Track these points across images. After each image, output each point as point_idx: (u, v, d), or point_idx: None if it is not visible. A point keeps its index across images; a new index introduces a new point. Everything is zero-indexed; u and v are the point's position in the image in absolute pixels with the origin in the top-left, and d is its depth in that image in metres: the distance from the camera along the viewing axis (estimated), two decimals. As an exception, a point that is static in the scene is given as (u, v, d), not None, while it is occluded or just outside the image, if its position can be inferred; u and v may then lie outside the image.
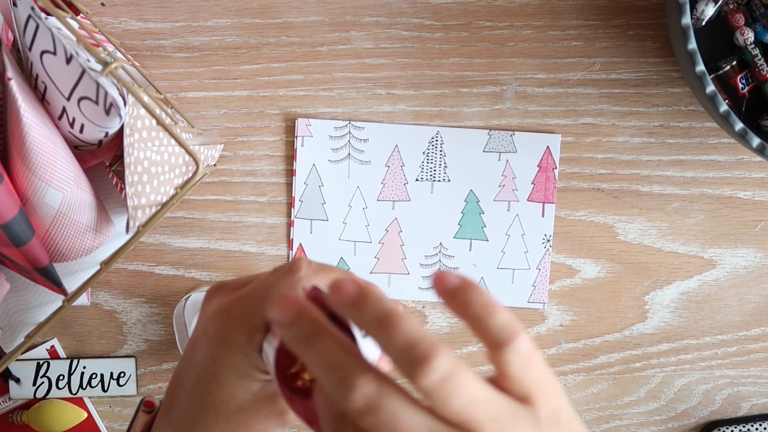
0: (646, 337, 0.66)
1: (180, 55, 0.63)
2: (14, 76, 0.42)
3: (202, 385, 0.36)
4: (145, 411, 0.41)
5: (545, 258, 0.65)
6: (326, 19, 0.63)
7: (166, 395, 0.39)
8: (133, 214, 0.46)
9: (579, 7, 0.63)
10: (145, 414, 0.41)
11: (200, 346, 0.37)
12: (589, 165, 0.64)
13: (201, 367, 0.36)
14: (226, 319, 0.36)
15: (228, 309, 0.36)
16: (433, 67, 0.63)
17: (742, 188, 0.65)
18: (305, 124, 0.63)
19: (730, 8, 0.59)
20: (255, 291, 0.35)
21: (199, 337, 0.37)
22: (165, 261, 0.65)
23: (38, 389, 0.65)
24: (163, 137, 0.48)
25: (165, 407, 0.39)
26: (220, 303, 0.37)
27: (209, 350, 0.36)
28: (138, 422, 0.41)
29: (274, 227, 0.65)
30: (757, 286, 0.66)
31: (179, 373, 0.38)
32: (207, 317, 0.37)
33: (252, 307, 0.35)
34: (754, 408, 0.68)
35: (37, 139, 0.43)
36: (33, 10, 0.41)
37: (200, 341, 0.37)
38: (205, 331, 0.36)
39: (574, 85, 0.64)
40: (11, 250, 0.45)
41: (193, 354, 0.37)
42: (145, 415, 0.41)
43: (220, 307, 0.36)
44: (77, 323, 0.66)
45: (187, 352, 0.38)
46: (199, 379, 0.36)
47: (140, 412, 0.41)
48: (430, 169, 0.64)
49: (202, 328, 0.37)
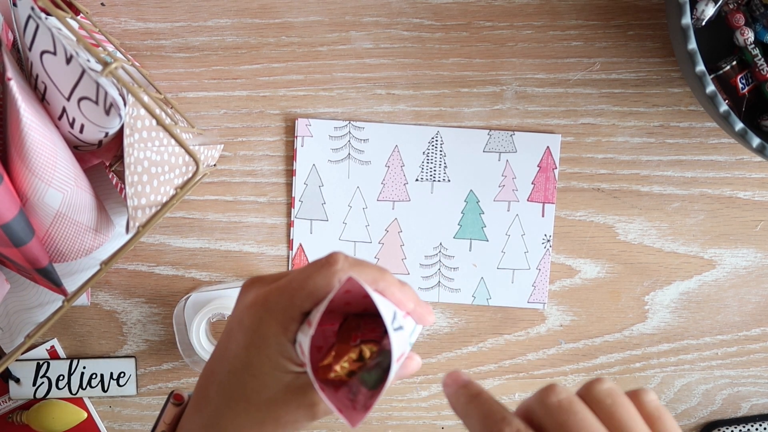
0: (646, 338, 0.66)
1: (180, 55, 0.63)
2: (14, 76, 0.42)
3: (234, 375, 0.37)
4: (174, 404, 0.41)
5: (545, 258, 0.65)
6: (326, 19, 0.63)
7: (196, 387, 0.40)
8: (133, 214, 0.46)
9: (579, 7, 0.63)
10: (174, 406, 0.41)
11: (235, 336, 0.37)
12: (589, 165, 0.64)
13: (235, 356, 0.37)
14: (262, 310, 0.36)
15: (265, 300, 0.36)
16: (433, 67, 0.63)
17: (742, 188, 0.65)
18: (305, 124, 0.63)
19: (730, 8, 0.59)
20: (292, 282, 0.36)
21: (234, 328, 0.37)
22: (165, 261, 0.65)
23: (38, 389, 0.65)
24: (163, 137, 0.48)
25: (195, 399, 0.40)
26: (257, 294, 0.37)
27: (244, 340, 0.36)
28: (167, 414, 0.41)
29: (274, 227, 0.65)
30: (757, 286, 0.66)
31: (211, 365, 0.39)
32: (243, 307, 0.37)
33: (288, 298, 0.36)
34: (754, 408, 0.68)
35: (37, 139, 0.43)
36: (33, 10, 0.41)
37: (235, 331, 0.37)
38: (240, 322, 0.37)
39: (574, 85, 0.64)
40: (11, 250, 0.45)
41: (227, 344, 0.38)
42: (174, 408, 0.41)
43: (257, 298, 0.37)
44: (77, 323, 0.66)
45: (221, 344, 0.39)
46: (232, 368, 0.37)
47: (169, 405, 0.41)
48: (430, 169, 0.64)
49: (237, 319, 0.37)
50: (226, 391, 0.37)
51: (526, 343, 0.66)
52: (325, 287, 0.35)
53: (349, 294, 0.34)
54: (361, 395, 0.34)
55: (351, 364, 0.34)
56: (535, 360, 0.66)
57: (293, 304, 0.35)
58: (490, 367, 0.66)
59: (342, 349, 0.35)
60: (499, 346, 0.66)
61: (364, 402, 0.33)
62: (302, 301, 0.35)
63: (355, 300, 0.35)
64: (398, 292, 0.36)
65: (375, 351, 0.35)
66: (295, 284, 0.36)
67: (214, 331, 0.65)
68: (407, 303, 0.37)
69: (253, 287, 0.38)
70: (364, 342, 0.35)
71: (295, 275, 0.36)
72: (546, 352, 0.66)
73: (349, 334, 0.36)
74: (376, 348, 0.35)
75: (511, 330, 0.66)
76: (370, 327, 0.36)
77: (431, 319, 0.38)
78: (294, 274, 0.36)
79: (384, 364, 0.34)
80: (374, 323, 0.36)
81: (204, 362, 0.63)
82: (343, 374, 0.34)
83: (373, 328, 0.36)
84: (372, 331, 0.35)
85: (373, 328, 0.36)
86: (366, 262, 0.36)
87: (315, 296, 0.35)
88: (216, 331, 0.65)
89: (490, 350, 0.66)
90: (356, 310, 0.36)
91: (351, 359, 0.34)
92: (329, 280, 0.35)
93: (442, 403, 0.67)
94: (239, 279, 0.65)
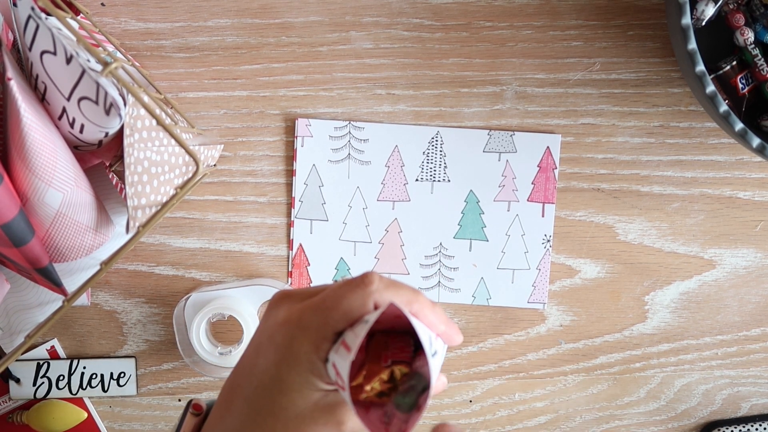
0: (646, 338, 0.66)
1: (180, 55, 0.63)
2: (14, 76, 0.42)
3: (263, 391, 0.37)
4: (193, 413, 0.41)
5: (545, 258, 0.65)
6: (326, 19, 0.63)
7: (219, 400, 0.40)
8: (133, 214, 0.46)
9: (579, 7, 0.63)
10: (194, 416, 0.41)
11: (265, 352, 0.37)
12: (589, 165, 0.64)
13: (264, 372, 0.37)
14: (295, 327, 0.36)
15: (298, 318, 0.36)
16: (433, 67, 0.63)
17: (742, 188, 0.65)
18: (305, 125, 0.63)
19: (730, 8, 0.59)
20: (325, 301, 0.36)
21: (264, 344, 0.37)
22: (165, 261, 0.65)
23: (38, 389, 0.65)
24: (163, 137, 0.48)
25: (218, 411, 0.39)
26: (289, 311, 0.37)
27: (275, 356, 0.36)
28: (186, 424, 0.41)
29: (274, 227, 0.65)
30: (757, 286, 0.66)
31: (236, 378, 0.39)
32: (275, 324, 0.37)
33: (322, 317, 0.36)
34: (754, 408, 0.68)
35: (37, 139, 0.43)
36: (33, 11, 0.41)
37: (265, 347, 0.37)
38: (272, 338, 0.37)
39: (574, 85, 0.64)
40: (11, 250, 0.45)
41: (255, 359, 0.38)
42: (193, 418, 0.41)
43: (290, 316, 0.37)
44: (77, 323, 0.66)
45: (248, 357, 0.38)
46: (260, 384, 0.37)
47: (188, 415, 0.41)
48: (430, 169, 0.64)
49: (268, 335, 0.37)
50: (253, 406, 0.37)
51: (526, 343, 0.66)
52: (359, 308, 0.35)
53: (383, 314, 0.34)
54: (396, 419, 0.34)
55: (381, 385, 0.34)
56: (535, 360, 0.66)
57: (327, 323, 0.35)
58: (490, 367, 0.66)
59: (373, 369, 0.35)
60: (499, 346, 0.66)
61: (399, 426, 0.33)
62: (336, 322, 0.35)
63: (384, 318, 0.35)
64: (431, 314, 0.37)
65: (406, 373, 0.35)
66: (329, 303, 0.36)
67: (214, 331, 0.65)
68: (439, 325, 0.37)
69: (284, 303, 0.38)
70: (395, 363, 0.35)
71: (328, 294, 0.36)
72: (546, 352, 0.66)
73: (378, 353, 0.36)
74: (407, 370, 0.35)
75: (511, 330, 0.66)
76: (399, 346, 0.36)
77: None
78: (328, 293, 0.36)
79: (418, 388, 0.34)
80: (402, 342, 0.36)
81: (204, 362, 0.63)
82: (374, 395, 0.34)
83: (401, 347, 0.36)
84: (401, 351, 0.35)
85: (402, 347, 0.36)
86: (400, 284, 0.36)
87: (349, 317, 0.35)
88: (216, 331, 0.65)
89: (490, 350, 0.66)
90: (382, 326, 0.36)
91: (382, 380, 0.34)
92: (364, 301, 0.35)
93: (442, 403, 0.67)
94: (239, 279, 0.65)
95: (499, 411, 0.67)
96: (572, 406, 0.67)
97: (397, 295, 0.35)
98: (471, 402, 0.67)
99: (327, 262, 0.65)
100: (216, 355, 0.62)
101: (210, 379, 0.66)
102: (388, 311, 0.34)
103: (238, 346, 0.62)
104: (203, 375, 0.65)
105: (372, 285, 0.35)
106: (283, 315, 0.37)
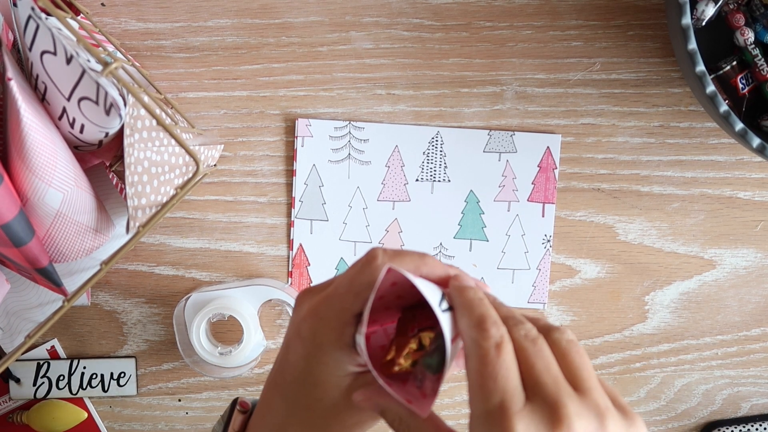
0: (646, 338, 0.66)
1: (180, 56, 0.63)
2: (14, 76, 0.42)
3: (296, 385, 0.38)
4: (240, 411, 0.42)
5: (545, 258, 0.65)
6: (326, 19, 0.63)
7: (261, 398, 0.41)
8: (133, 214, 0.46)
9: (579, 7, 0.63)
10: (240, 414, 0.42)
11: (294, 348, 0.38)
12: (589, 165, 0.64)
13: (295, 367, 0.38)
14: (316, 320, 0.37)
15: (316, 310, 0.37)
16: (433, 68, 0.63)
17: (742, 188, 0.65)
18: (305, 125, 0.64)
19: (730, 8, 0.59)
20: (337, 288, 0.37)
21: (292, 340, 0.38)
22: (165, 261, 0.65)
23: (38, 389, 0.65)
24: (163, 137, 0.48)
25: (260, 410, 0.41)
26: (309, 305, 0.38)
27: (303, 350, 0.37)
28: (234, 421, 0.42)
29: (274, 227, 0.65)
30: (757, 286, 0.66)
31: (274, 376, 0.40)
32: (299, 320, 0.38)
33: (338, 303, 0.36)
34: (754, 408, 0.68)
35: (37, 139, 0.43)
36: (33, 11, 0.41)
37: (293, 343, 0.38)
38: (298, 333, 0.38)
39: (574, 85, 0.64)
40: (11, 250, 0.45)
41: (286, 356, 0.39)
42: (240, 415, 0.42)
43: (310, 309, 0.38)
44: (77, 323, 0.66)
45: (281, 356, 0.39)
46: (293, 379, 0.38)
47: (235, 412, 0.42)
48: (430, 169, 0.64)
49: (294, 331, 0.38)
50: (290, 401, 0.38)
51: (526, 343, 0.66)
52: (369, 284, 0.35)
53: (397, 286, 0.34)
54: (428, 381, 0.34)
55: (413, 354, 0.35)
56: (535, 360, 0.66)
57: (343, 308, 0.36)
58: (490, 367, 0.66)
59: (401, 341, 0.35)
60: (499, 346, 0.66)
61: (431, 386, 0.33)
62: (351, 304, 0.36)
63: (406, 292, 0.35)
64: (440, 270, 0.37)
65: (433, 337, 0.35)
66: (341, 290, 0.36)
67: (214, 331, 0.65)
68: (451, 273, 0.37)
69: (305, 299, 0.39)
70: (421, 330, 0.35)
71: (339, 281, 0.37)
72: (546, 352, 0.66)
73: (406, 326, 0.36)
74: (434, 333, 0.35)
75: (511, 330, 0.66)
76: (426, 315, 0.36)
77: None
78: (338, 280, 0.37)
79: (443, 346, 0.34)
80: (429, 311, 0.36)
81: (204, 362, 0.63)
82: (407, 365, 0.35)
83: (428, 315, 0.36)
84: (428, 319, 0.35)
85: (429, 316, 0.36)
86: (405, 251, 0.36)
87: (362, 296, 0.35)
88: (216, 331, 0.65)
89: (490, 350, 0.66)
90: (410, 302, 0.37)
91: (412, 350, 0.35)
92: (372, 277, 0.35)
93: (442, 403, 0.67)
94: (239, 279, 0.65)
95: (499, 411, 0.67)
96: (572, 406, 0.67)
97: (402, 262, 0.36)
98: (471, 402, 0.67)
99: (327, 262, 0.65)
100: (216, 355, 0.62)
101: (210, 379, 0.66)
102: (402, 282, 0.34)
103: (238, 346, 0.62)
104: (203, 375, 0.65)
105: (377, 259, 0.36)
106: (306, 309, 0.38)
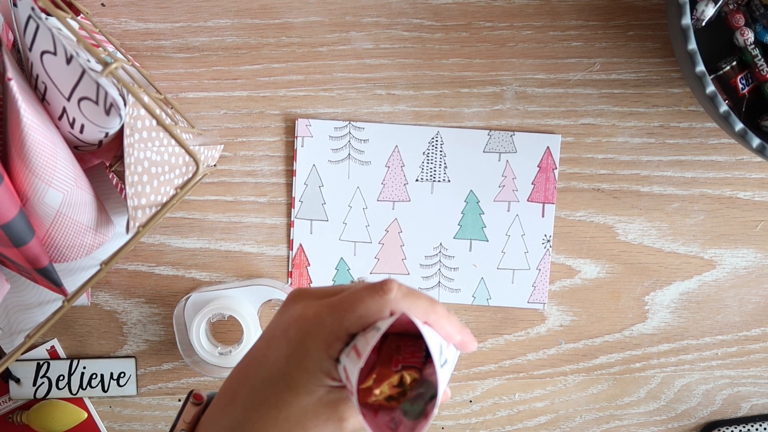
0: (646, 338, 0.66)
1: (180, 56, 0.63)
2: (14, 76, 0.42)
3: (270, 383, 0.38)
4: (194, 403, 0.42)
5: (545, 258, 0.65)
6: (326, 19, 0.63)
7: (223, 389, 0.40)
8: (133, 214, 0.46)
9: (579, 8, 0.63)
10: (194, 406, 0.42)
11: (277, 345, 0.38)
12: (589, 165, 0.64)
13: (273, 365, 0.38)
14: (310, 324, 0.37)
15: (314, 316, 0.37)
16: (433, 68, 0.63)
17: (742, 188, 0.65)
18: (305, 125, 0.64)
19: (730, 9, 0.59)
20: (343, 303, 0.37)
21: (277, 337, 0.38)
22: (165, 261, 0.65)
23: (38, 389, 0.65)
24: (163, 137, 0.48)
25: (222, 400, 0.40)
26: (305, 307, 0.38)
27: (286, 350, 0.37)
28: (186, 413, 0.42)
29: (274, 227, 0.65)
30: (757, 286, 0.66)
31: (245, 369, 0.39)
32: (290, 319, 0.38)
33: (338, 318, 0.36)
34: (754, 408, 0.68)
35: (37, 139, 0.43)
36: (33, 11, 0.41)
37: (278, 341, 0.38)
38: (285, 332, 0.38)
39: (574, 85, 0.64)
40: (11, 250, 0.45)
41: (266, 351, 0.38)
42: (193, 407, 0.42)
43: (306, 312, 0.37)
44: (77, 323, 0.66)
45: (259, 349, 0.39)
46: (268, 375, 0.38)
47: (189, 404, 0.42)
48: (430, 169, 0.64)
49: (282, 329, 0.38)
50: (257, 397, 0.38)
51: (526, 344, 0.66)
52: (375, 313, 0.36)
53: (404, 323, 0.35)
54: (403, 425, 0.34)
55: (391, 389, 0.35)
56: (535, 360, 0.66)
57: (341, 324, 0.36)
58: (490, 367, 0.66)
59: (383, 373, 0.35)
60: (499, 346, 0.66)
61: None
62: (351, 324, 0.36)
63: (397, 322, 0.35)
64: (447, 325, 0.37)
65: (416, 379, 0.35)
66: (346, 305, 0.36)
67: (214, 331, 0.65)
68: (455, 335, 0.38)
69: (300, 300, 0.39)
70: (405, 368, 0.35)
71: (347, 296, 0.37)
72: (546, 352, 0.66)
73: (389, 356, 0.36)
74: (417, 376, 0.35)
75: (511, 330, 0.66)
76: (410, 350, 0.36)
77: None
78: (346, 295, 0.37)
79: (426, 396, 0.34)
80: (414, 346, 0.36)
81: (204, 362, 0.63)
82: (382, 399, 0.35)
83: (413, 351, 0.36)
84: (413, 356, 0.36)
85: (413, 352, 0.36)
86: (418, 293, 0.37)
87: (364, 320, 0.36)
88: (216, 331, 0.65)
89: (490, 350, 0.66)
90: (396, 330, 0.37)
91: (391, 384, 0.35)
92: (381, 307, 0.35)
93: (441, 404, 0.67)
94: (239, 279, 0.65)
95: (499, 411, 0.67)
96: (572, 407, 0.67)
97: (414, 304, 0.36)
98: (471, 402, 0.67)
99: (327, 262, 0.65)
100: (216, 355, 0.62)
101: (210, 379, 0.66)
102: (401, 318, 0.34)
103: (238, 346, 0.62)
104: (203, 375, 0.65)
105: (391, 293, 0.36)
106: (299, 311, 0.38)
